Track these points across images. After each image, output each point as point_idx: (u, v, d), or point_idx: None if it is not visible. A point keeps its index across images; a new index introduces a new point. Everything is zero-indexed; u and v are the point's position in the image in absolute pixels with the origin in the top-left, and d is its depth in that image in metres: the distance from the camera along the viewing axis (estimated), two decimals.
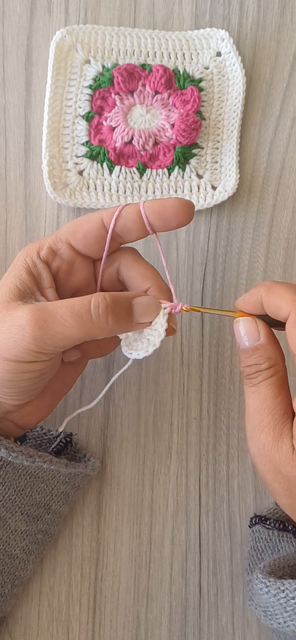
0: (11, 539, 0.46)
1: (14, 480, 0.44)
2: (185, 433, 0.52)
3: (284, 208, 0.55)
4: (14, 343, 0.39)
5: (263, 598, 0.42)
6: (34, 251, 0.43)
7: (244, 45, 0.56)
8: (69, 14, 0.55)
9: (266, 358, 0.41)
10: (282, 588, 0.41)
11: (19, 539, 0.46)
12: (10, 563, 0.46)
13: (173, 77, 0.54)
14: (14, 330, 0.39)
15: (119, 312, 0.41)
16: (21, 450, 0.43)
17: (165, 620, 0.50)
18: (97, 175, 0.54)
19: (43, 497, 0.47)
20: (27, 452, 0.43)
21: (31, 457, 0.43)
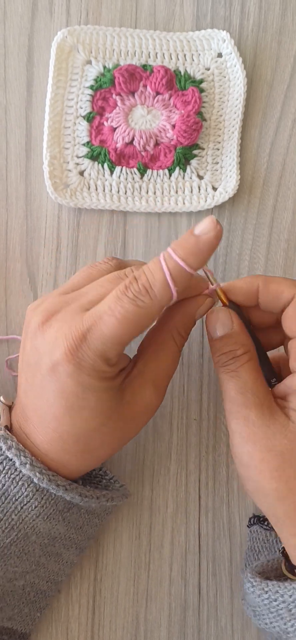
0: (61, 570, 0.47)
1: (76, 520, 0.44)
2: (184, 434, 0.52)
3: (284, 209, 0.55)
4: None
5: (250, 597, 0.42)
6: (103, 365, 0.39)
7: (245, 47, 0.55)
8: (70, 15, 0.55)
9: (241, 344, 0.41)
10: (266, 589, 0.41)
11: (68, 568, 0.47)
12: (55, 588, 0.48)
13: (174, 78, 0.54)
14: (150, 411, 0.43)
15: (189, 332, 0.45)
16: (92, 495, 0.43)
17: (164, 621, 0.50)
18: (97, 175, 0.54)
19: (94, 530, 0.47)
20: (95, 494, 0.43)
21: (98, 498, 0.44)
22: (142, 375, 0.42)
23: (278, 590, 0.40)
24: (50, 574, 0.46)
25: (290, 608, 0.40)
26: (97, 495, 0.44)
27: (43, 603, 0.47)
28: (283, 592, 0.40)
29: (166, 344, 0.43)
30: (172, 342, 0.43)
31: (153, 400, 0.42)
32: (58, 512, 0.42)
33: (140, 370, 0.42)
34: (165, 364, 0.43)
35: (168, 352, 0.43)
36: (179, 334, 0.43)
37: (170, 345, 0.43)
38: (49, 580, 0.46)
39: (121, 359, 0.41)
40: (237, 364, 0.41)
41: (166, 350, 0.43)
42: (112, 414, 0.40)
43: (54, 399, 0.39)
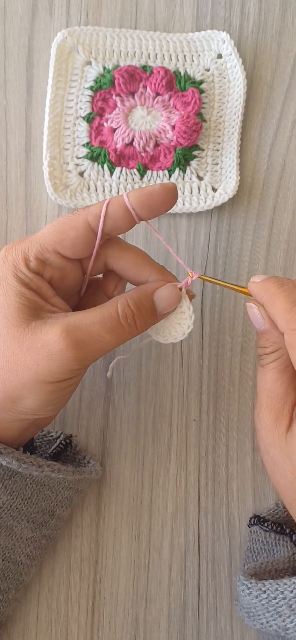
0: (16, 546, 0.45)
1: (21, 489, 0.44)
2: (184, 435, 0.52)
3: (284, 210, 0.55)
4: (57, 367, 0.38)
5: (245, 600, 0.42)
6: (20, 263, 0.40)
7: (245, 48, 0.55)
8: (70, 16, 0.55)
9: (272, 342, 0.42)
10: (263, 589, 0.41)
11: (24, 545, 0.46)
12: (15, 569, 0.46)
13: (174, 79, 0.53)
14: (54, 356, 0.38)
15: (145, 314, 0.41)
16: (31, 461, 0.42)
17: (163, 622, 0.50)
18: (97, 176, 0.53)
19: (48, 503, 0.46)
20: (37, 462, 0.43)
21: (40, 467, 0.43)
22: (61, 316, 0.40)
23: (278, 587, 0.41)
24: (5, 550, 0.45)
25: (291, 604, 0.40)
26: (40, 463, 0.43)
27: (4, 585, 0.45)
28: (283, 589, 0.40)
29: (105, 306, 0.41)
30: (112, 307, 0.41)
31: (56, 342, 0.38)
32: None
33: (64, 314, 0.41)
34: (92, 320, 0.40)
35: (103, 312, 0.40)
36: (126, 304, 0.41)
37: (108, 308, 0.40)
38: (6, 559, 0.45)
39: (52, 281, 0.42)
40: (265, 361, 0.43)
41: (101, 310, 0.40)
42: (10, 326, 0.39)
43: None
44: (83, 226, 0.41)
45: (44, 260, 0.41)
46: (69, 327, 0.39)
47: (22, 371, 0.39)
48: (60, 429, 0.51)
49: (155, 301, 0.42)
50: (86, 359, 0.39)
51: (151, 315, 0.42)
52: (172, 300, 0.43)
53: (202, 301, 0.53)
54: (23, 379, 0.39)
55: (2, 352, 0.39)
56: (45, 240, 0.41)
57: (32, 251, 0.41)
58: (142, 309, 0.41)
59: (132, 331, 0.41)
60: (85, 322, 0.39)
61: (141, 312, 0.41)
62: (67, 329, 0.38)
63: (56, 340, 0.38)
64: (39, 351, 0.38)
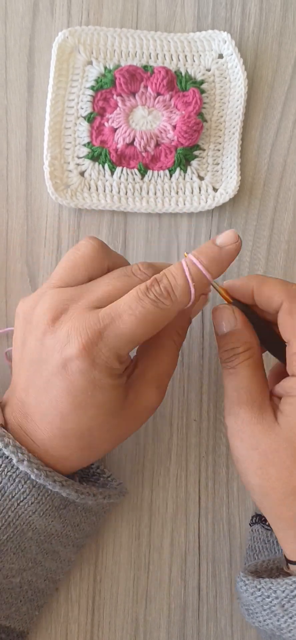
0: (59, 568, 0.46)
1: (72, 517, 0.44)
2: (184, 435, 0.52)
3: (285, 210, 0.54)
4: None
5: (244, 596, 0.42)
6: (115, 363, 0.39)
7: (246, 48, 0.55)
8: (71, 16, 0.54)
9: (243, 342, 0.42)
10: (258, 587, 0.41)
11: (66, 566, 0.47)
12: (53, 587, 0.47)
13: (175, 79, 0.53)
14: (153, 410, 0.44)
15: (186, 331, 0.46)
16: (88, 492, 0.43)
17: (163, 622, 0.50)
18: (98, 176, 0.53)
19: (92, 528, 0.47)
20: (92, 491, 0.44)
21: (95, 496, 0.44)
22: (145, 376, 0.43)
23: (271, 586, 0.40)
24: (48, 572, 0.46)
25: (283, 604, 0.39)
26: (94, 492, 0.44)
27: (41, 601, 0.47)
28: (275, 588, 0.40)
29: (166, 345, 0.43)
30: (171, 342, 0.43)
31: (155, 399, 0.43)
32: (54, 509, 0.42)
33: (142, 371, 0.43)
34: (165, 364, 0.43)
35: (168, 352, 0.43)
36: (178, 334, 0.44)
37: (169, 346, 0.43)
38: (47, 579, 0.46)
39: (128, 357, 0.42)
40: (236, 361, 0.42)
41: (166, 351, 0.43)
42: (116, 412, 0.41)
43: (61, 396, 0.39)
44: (173, 316, 0.41)
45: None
46: (158, 383, 0.43)
47: (129, 434, 0.44)
48: None
49: (191, 316, 0.45)
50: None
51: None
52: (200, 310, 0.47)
53: None
54: (122, 439, 0.44)
55: (113, 432, 0.42)
56: (140, 339, 0.40)
57: (127, 351, 0.40)
58: (186, 329, 0.45)
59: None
60: (163, 371, 0.43)
61: (185, 332, 0.45)
62: (157, 385, 0.43)
63: (154, 399, 0.43)
64: (143, 415, 0.43)
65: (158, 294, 0.38)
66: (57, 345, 0.39)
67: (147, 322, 0.38)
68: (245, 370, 0.42)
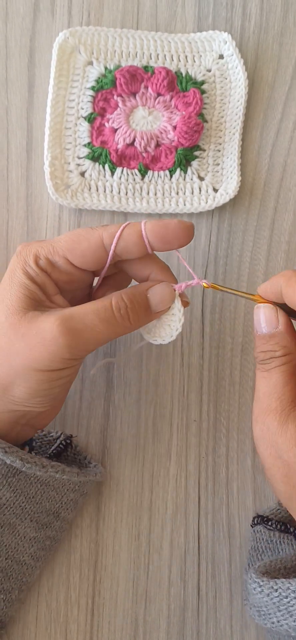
0: (20, 545, 0.45)
1: (25, 487, 0.43)
2: (184, 435, 0.51)
3: (285, 211, 0.54)
4: (49, 354, 0.39)
5: (256, 598, 0.42)
6: (30, 259, 0.41)
7: (246, 48, 0.55)
8: (72, 16, 0.54)
9: (282, 346, 0.41)
10: (275, 587, 0.40)
11: (28, 545, 0.46)
12: (18, 569, 0.46)
13: (176, 79, 0.53)
14: (47, 343, 0.39)
15: (138, 309, 0.42)
16: (35, 461, 0.42)
17: (163, 622, 0.49)
18: (98, 176, 0.53)
19: (53, 504, 0.46)
20: (41, 462, 0.43)
21: (44, 467, 0.43)
22: (58, 308, 0.42)
23: (290, 586, 0.40)
24: (7, 549, 0.44)
25: None
26: (43, 463, 0.43)
27: (7, 585, 0.45)
28: (295, 588, 0.40)
29: (102, 299, 0.42)
30: (106, 299, 0.41)
31: (51, 329, 0.39)
32: (1, 476, 0.42)
33: (57, 300, 0.42)
34: (86, 310, 0.40)
35: (97, 304, 0.41)
36: (120, 296, 0.42)
37: (103, 300, 0.41)
38: (8, 558, 0.45)
39: (51, 270, 0.42)
40: (272, 365, 0.41)
41: (97, 302, 0.41)
42: (10, 315, 0.40)
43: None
44: (96, 241, 0.41)
45: (53, 263, 0.42)
46: (63, 316, 0.40)
47: (14, 357, 0.40)
48: (61, 429, 0.51)
49: (149, 297, 0.43)
50: (78, 349, 0.40)
51: (144, 311, 0.43)
52: (165, 298, 0.43)
53: (202, 302, 0.53)
54: (15, 364, 0.40)
55: (11, 360, 0.40)
56: (58, 244, 0.42)
57: (44, 250, 0.42)
58: (136, 303, 0.42)
59: (125, 323, 0.41)
60: (79, 312, 0.40)
61: (134, 306, 0.42)
62: (61, 317, 0.39)
63: (50, 327, 0.39)
64: (32, 337, 0.39)
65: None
66: None
67: (69, 233, 0.43)
68: (278, 376, 0.41)
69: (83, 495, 0.48)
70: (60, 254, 0.42)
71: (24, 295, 0.40)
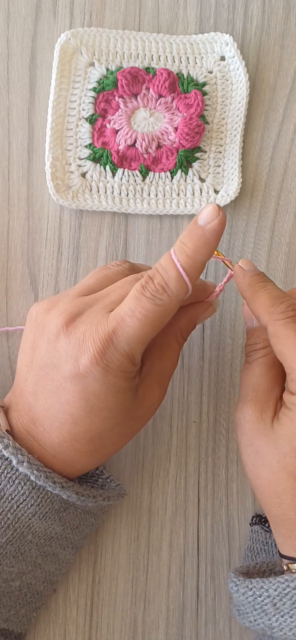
0: (57, 570, 0.45)
1: (72, 519, 0.43)
2: (184, 436, 0.51)
3: (286, 213, 0.53)
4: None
5: (235, 597, 0.41)
6: (129, 367, 0.39)
7: (248, 50, 0.54)
8: (74, 17, 0.53)
9: (262, 339, 0.42)
10: (250, 587, 0.40)
11: (64, 568, 0.46)
12: (50, 588, 0.46)
13: (177, 81, 0.52)
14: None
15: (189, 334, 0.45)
16: (88, 494, 0.42)
17: (162, 623, 0.49)
18: (99, 177, 0.52)
19: (90, 529, 0.46)
20: (92, 493, 0.42)
21: (94, 497, 0.43)
22: (150, 375, 0.42)
23: (263, 585, 0.39)
24: (47, 574, 0.45)
25: (275, 602, 0.39)
26: (94, 494, 0.43)
27: (39, 603, 0.46)
28: (267, 587, 0.39)
29: (170, 345, 0.43)
30: (175, 343, 0.43)
31: (159, 397, 0.43)
32: (54, 512, 0.41)
33: (148, 370, 0.42)
34: (169, 364, 0.43)
35: (172, 352, 0.43)
36: (182, 336, 0.44)
37: (173, 347, 0.43)
38: (46, 581, 0.45)
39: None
40: (253, 357, 0.42)
41: (170, 351, 0.43)
42: (127, 413, 0.40)
43: (73, 400, 0.38)
44: (176, 309, 0.39)
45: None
46: (161, 381, 0.43)
47: (135, 433, 0.44)
48: None
49: (197, 322, 0.45)
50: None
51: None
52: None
53: None
54: (129, 439, 0.43)
55: (122, 432, 0.42)
56: (146, 339, 0.39)
57: (137, 353, 0.39)
58: (190, 333, 0.45)
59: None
60: (167, 370, 0.43)
61: (188, 335, 0.45)
62: (161, 383, 0.43)
63: (158, 396, 0.43)
64: (149, 413, 0.43)
65: (154, 290, 0.37)
66: (70, 350, 0.38)
67: (148, 320, 0.37)
68: (257, 367, 0.42)
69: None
70: (145, 341, 0.39)
71: (131, 399, 0.41)
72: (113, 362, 0.38)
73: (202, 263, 0.39)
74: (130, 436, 0.43)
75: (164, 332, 0.43)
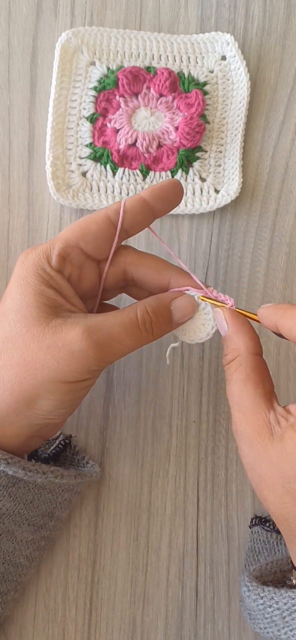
0: (16, 549, 0.44)
1: (23, 494, 0.42)
2: (184, 436, 0.50)
3: (286, 212, 0.53)
4: (77, 367, 0.38)
5: (247, 601, 0.41)
6: (43, 261, 0.40)
7: (249, 50, 0.53)
8: (75, 16, 0.53)
9: (232, 349, 0.40)
10: (261, 595, 0.39)
11: (24, 548, 0.44)
12: (14, 571, 0.44)
13: (178, 80, 0.52)
14: (75, 355, 0.37)
15: (162, 322, 0.41)
16: (36, 469, 0.41)
17: (161, 623, 0.48)
18: (100, 177, 0.52)
19: (48, 506, 0.44)
20: (41, 469, 0.41)
21: (45, 473, 0.41)
22: (82, 317, 0.39)
23: (273, 597, 0.39)
24: (5, 554, 0.43)
25: (284, 616, 0.38)
26: (44, 470, 0.41)
27: (3, 588, 0.44)
28: (278, 599, 0.38)
29: (125, 310, 0.40)
30: (132, 311, 0.40)
31: (77, 341, 0.37)
32: (2, 488, 0.40)
33: (85, 315, 0.40)
34: (112, 322, 0.39)
35: (123, 316, 0.40)
36: (144, 309, 0.40)
37: (128, 312, 0.40)
38: (6, 562, 0.43)
39: (72, 279, 0.41)
40: (229, 372, 0.40)
41: (121, 313, 0.40)
42: (30, 325, 0.38)
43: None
44: (104, 221, 0.40)
45: (65, 257, 0.40)
46: (90, 327, 0.38)
47: (41, 370, 0.38)
48: (60, 429, 0.50)
49: (172, 310, 0.42)
50: (104, 361, 0.39)
51: (167, 324, 0.42)
52: (187, 311, 0.42)
53: None
54: (42, 378, 0.38)
55: (21, 351, 0.38)
56: (67, 236, 0.40)
57: (55, 248, 0.40)
58: (160, 316, 0.41)
59: (148, 337, 0.40)
60: (106, 324, 0.39)
61: (158, 319, 0.41)
62: (89, 329, 0.38)
63: (78, 339, 0.37)
64: (59, 350, 0.37)
65: None
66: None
67: (73, 223, 0.42)
68: (235, 385, 0.39)
69: (77, 493, 0.47)
70: (72, 244, 0.40)
71: (43, 304, 0.39)
72: (30, 255, 0.40)
73: (143, 200, 0.41)
74: (34, 370, 0.38)
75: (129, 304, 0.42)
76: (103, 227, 0.40)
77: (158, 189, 0.41)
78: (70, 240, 0.40)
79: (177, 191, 0.42)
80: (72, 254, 0.40)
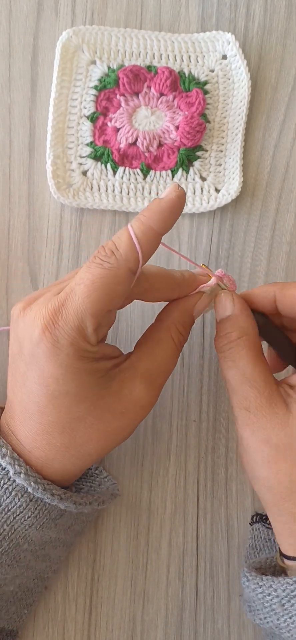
0: (48, 566, 0.44)
1: (66, 523, 0.42)
2: (184, 435, 0.50)
3: (287, 212, 0.52)
4: (141, 418, 0.40)
5: (246, 592, 0.41)
6: (81, 341, 0.36)
7: (250, 49, 0.53)
8: (76, 15, 0.53)
9: (237, 327, 0.40)
10: (260, 584, 0.39)
11: (54, 564, 0.45)
12: (42, 584, 0.45)
13: (179, 79, 0.51)
14: (145, 407, 0.40)
15: (189, 329, 0.42)
16: (85, 501, 0.41)
17: (161, 622, 0.48)
18: (100, 176, 0.51)
19: (81, 526, 0.45)
20: (88, 500, 0.42)
21: (91, 504, 0.42)
22: (134, 368, 0.40)
23: (272, 584, 0.39)
24: (38, 572, 0.44)
25: (283, 603, 0.38)
26: (90, 500, 0.42)
27: (30, 600, 0.45)
28: (276, 587, 0.39)
29: (163, 341, 0.41)
30: (169, 339, 0.41)
31: (144, 396, 0.39)
32: (51, 520, 0.40)
33: (132, 363, 0.40)
34: (160, 360, 0.40)
35: (165, 348, 0.40)
36: (177, 331, 0.41)
37: (167, 342, 0.41)
38: (36, 578, 0.44)
39: (103, 339, 0.40)
40: (233, 352, 0.40)
41: (162, 347, 0.40)
42: (97, 402, 0.38)
43: (35, 387, 0.37)
44: (128, 276, 0.37)
45: (98, 327, 0.38)
46: (150, 378, 0.39)
47: (120, 434, 0.40)
48: None
49: (194, 315, 0.42)
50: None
51: (189, 327, 0.43)
52: (205, 307, 0.43)
53: None
54: (123, 438, 0.40)
55: (96, 427, 0.38)
56: (97, 309, 0.36)
57: (89, 327, 0.37)
58: (188, 327, 0.42)
59: (181, 349, 0.42)
60: (154, 364, 0.40)
61: (187, 331, 0.42)
62: (147, 379, 0.39)
63: (144, 395, 0.39)
64: (131, 411, 0.39)
65: (103, 255, 0.36)
66: (26, 332, 0.37)
67: (96, 286, 0.36)
68: (245, 361, 0.39)
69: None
70: (103, 314, 0.37)
71: (99, 378, 0.38)
72: (63, 337, 0.36)
73: (156, 233, 0.37)
74: (113, 435, 0.39)
75: (156, 327, 0.41)
76: (128, 283, 0.37)
77: (169, 213, 0.38)
78: (101, 311, 0.37)
79: (182, 203, 0.39)
80: (103, 320, 0.38)
